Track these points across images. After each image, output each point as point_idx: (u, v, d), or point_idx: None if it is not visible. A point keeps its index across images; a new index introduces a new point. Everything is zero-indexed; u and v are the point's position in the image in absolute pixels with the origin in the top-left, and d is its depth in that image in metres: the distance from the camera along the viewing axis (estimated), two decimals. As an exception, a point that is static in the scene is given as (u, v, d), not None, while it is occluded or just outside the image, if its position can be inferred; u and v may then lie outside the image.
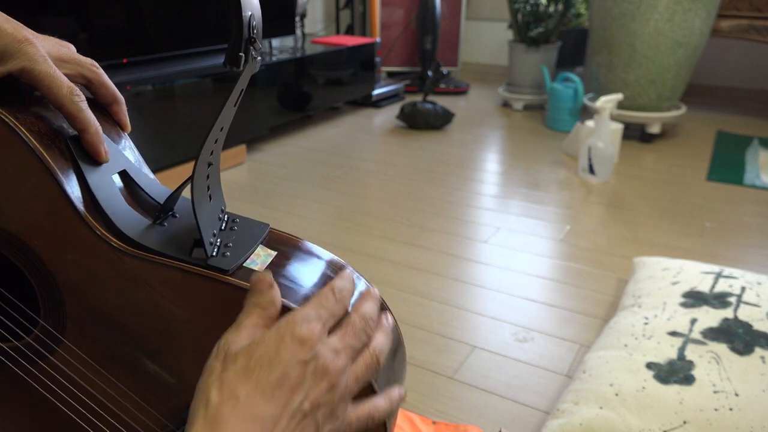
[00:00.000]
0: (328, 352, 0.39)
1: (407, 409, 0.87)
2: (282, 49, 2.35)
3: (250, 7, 0.41)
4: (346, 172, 1.89)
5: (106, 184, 0.46)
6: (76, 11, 1.50)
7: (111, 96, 0.50)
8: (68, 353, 0.48)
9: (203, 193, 0.45)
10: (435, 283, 1.23)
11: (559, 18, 2.56)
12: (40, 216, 0.44)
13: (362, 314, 0.42)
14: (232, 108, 0.45)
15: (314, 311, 0.40)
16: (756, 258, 1.34)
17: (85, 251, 0.44)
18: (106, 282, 0.45)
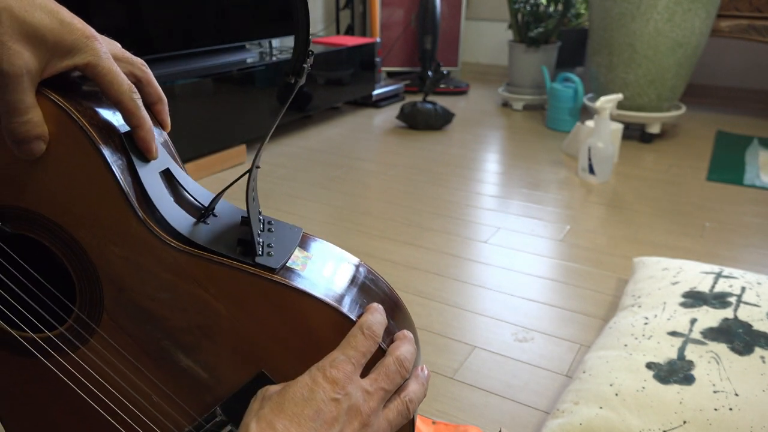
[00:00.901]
0: (359, 393, 0.41)
1: None
2: (282, 49, 2.35)
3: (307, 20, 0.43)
4: (346, 172, 1.89)
5: (155, 181, 0.46)
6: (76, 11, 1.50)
7: (156, 95, 0.52)
8: (101, 344, 0.48)
9: (251, 194, 0.47)
10: (435, 283, 1.23)
11: (559, 18, 2.56)
12: (91, 207, 0.44)
13: (397, 357, 0.44)
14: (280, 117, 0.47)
15: (344, 354, 0.42)
16: (756, 258, 1.34)
17: (134, 245, 0.44)
18: (151, 276, 0.45)
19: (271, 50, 2.30)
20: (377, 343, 0.43)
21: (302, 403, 0.39)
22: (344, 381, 0.40)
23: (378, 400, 0.42)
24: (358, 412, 0.40)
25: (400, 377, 0.43)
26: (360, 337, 0.43)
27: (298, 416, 0.38)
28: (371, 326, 0.44)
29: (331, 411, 0.39)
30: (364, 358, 0.42)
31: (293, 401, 0.39)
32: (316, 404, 0.39)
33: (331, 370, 0.41)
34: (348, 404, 0.40)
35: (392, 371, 0.43)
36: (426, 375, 0.48)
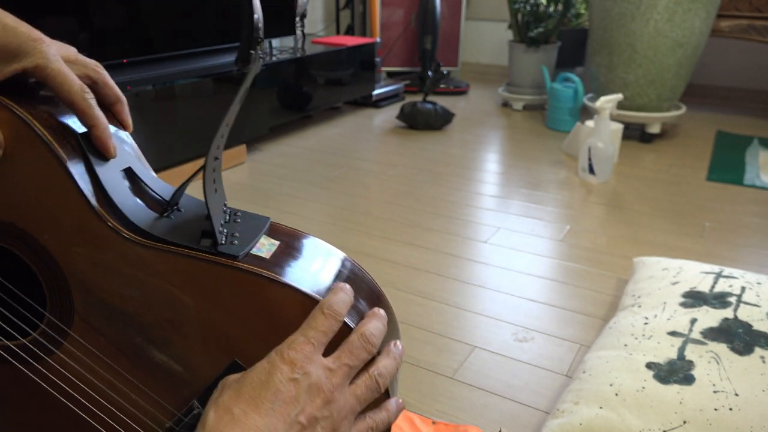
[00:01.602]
0: (320, 371, 0.40)
1: (407, 409, 0.87)
2: (282, 49, 2.35)
3: (257, 10, 0.43)
4: (346, 172, 1.89)
5: (116, 180, 0.47)
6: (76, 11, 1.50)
7: (114, 96, 0.51)
8: (75, 347, 0.48)
9: (211, 185, 0.46)
10: (435, 283, 1.23)
11: (559, 18, 2.56)
12: (52, 210, 0.44)
13: (361, 333, 0.43)
14: (238, 105, 0.46)
15: (303, 335, 0.41)
16: (756, 258, 1.34)
17: (97, 243, 0.45)
18: (116, 273, 0.46)
19: (271, 50, 2.30)
20: (339, 322, 0.43)
21: (259, 386, 0.39)
22: (303, 361, 0.40)
23: (342, 376, 0.41)
24: (319, 390, 0.40)
25: (365, 353, 0.43)
26: (320, 317, 0.42)
27: (256, 399, 0.38)
28: (332, 305, 0.43)
29: (290, 391, 0.39)
30: (325, 337, 0.42)
31: (251, 386, 0.39)
32: (274, 386, 0.39)
33: (289, 351, 0.40)
34: (308, 383, 0.39)
35: (356, 347, 0.43)
36: (400, 350, 0.47)
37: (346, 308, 0.44)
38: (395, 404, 0.45)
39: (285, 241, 0.50)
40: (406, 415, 0.85)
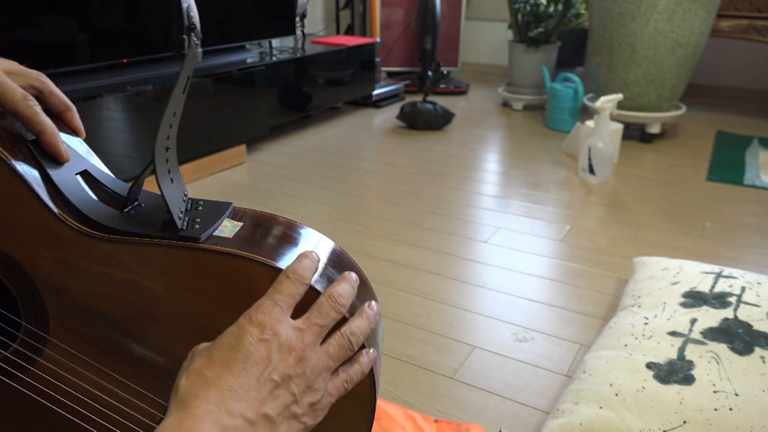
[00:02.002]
0: (290, 331, 0.41)
1: (409, 409, 0.87)
2: (282, 49, 2.35)
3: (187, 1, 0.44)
4: (346, 172, 1.89)
5: (71, 181, 0.47)
6: (76, 11, 1.50)
7: (62, 104, 0.52)
8: (56, 352, 0.48)
9: (165, 175, 0.47)
10: (435, 283, 1.23)
11: (559, 18, 2.56)
12: (11, 218, 0.45)
13: (329, 295, 0.44)
14: (181, 95, 0.46)
15: (269, 298, 0.42)
16: (756, 258, 1.34)
17: (59, 245, 0.45)
18: (84, 272, 0.46)
19: (271, 50, 2.30)
20: (305, 285, 0.43)
21: (230, 349, 0.39)
22: (271, 322, 0.40)
23: (313, 335, 0.42)
24: (291, 348, 0.40)
25: (334, 312, 0.43)
26: (285, 281, 0.43)
27: (227, 362, 0.39)
28: (296, 270, 0.44)
29: (260, 352, 0.39)
30: (292, 299, 0.42)
31: (221, 350, 0.39)
32: (245, 348, 0.39)
33: (257, 314, 0.41)
34: (278, 343, 0.40)
35: (325, 307, 0.43)
36: (374, 311, 0.47)
37: (311, 273, 0.44)
38: (366, 355, 0.45)
39: (248, 222, 0.50)
40: (408, 413, 0.85)
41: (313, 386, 0.41)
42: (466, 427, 0.83)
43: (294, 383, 0.40)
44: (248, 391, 0.38)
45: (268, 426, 0.38)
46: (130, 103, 1.58)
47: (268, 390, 0.39)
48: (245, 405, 0.38)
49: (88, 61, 1.54)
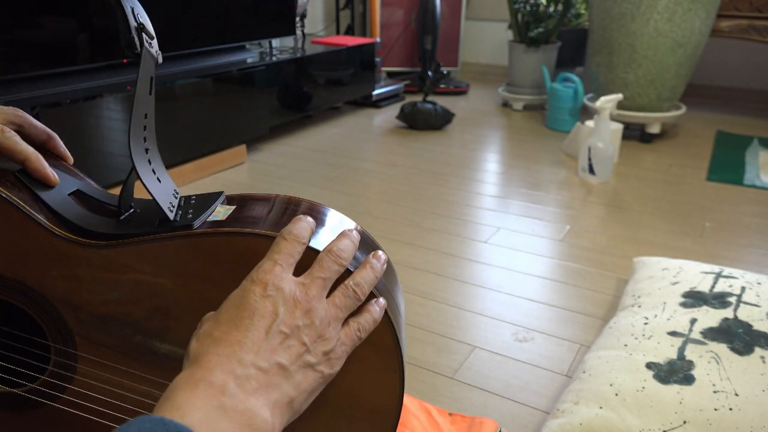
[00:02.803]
0: (293, 286, 0.41)
1: (424, 401, 0.88)
2: (282, 49, 2.35)
3: (131, 2, 0.46)
4: (346, 172, 1.89)
5: (64, 201, 0.48)
6: (76, 11, 1.50)
7: (44, 133, 0.53)
8: (89, 366, 0.49)
9: (150, 174, 0.48)
10: (435, 283, 1.23)
11: (559, 18, 2.56)
12: (14, 247, 0.46)
13: (329, 250, 0.44)
14: (148, 97, 0.47)
15: (268, 259, 0.42)
16: (756, 258, 1.34)
17: (65, 261, 0.46)
18: (92, 282, 0.47)
19: (271, 50, 2.30)
20: (302, 244, 0.44)
21: (235, 309, 0.40)
22: (273, 279, 0.41)
23: (317, 288, 0.42)
24: (296, 301, 0.41)
25: (336, 265, 0.44)
26: (282, 242, 0.43)
27: (234, 320, 0.39)
28: (292, 231, 0.44)
29: (266, 307, 0.39)
30: (291, 258, 0.43)
31: (227, 311, 0.40)
32: (250, 305, 0.39)
33: (258, 274, 0.41)
34: (282, 297, 0.40)
35: (325, 261, 0.43)
36: (381, 261, 0.47)
37: (307, 233, 0.45)
38: (376, 304, 0.45)
39: (241, 204, 0.51)
40: (423, 405, 0.87)
41: (324, 335, 0.41)
42: (480, 421, 0.84)
43: (304, 333, 0.40)
44: (258, 343, 0.38)
45: (281, 374, 0.38)
46: (130, 103, 1.57)
47: (279, 341, 0.39)
48: (256, 356, 0.38)
49: (88, 61, 1.54)
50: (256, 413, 0.36)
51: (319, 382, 0.41)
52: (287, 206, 0.51)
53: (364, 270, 0.45)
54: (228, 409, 0.35)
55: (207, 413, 0.34)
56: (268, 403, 0.37)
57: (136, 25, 0.45)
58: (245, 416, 0.35)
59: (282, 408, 0.38)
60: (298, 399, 0.39)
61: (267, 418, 0.36)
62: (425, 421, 0.83)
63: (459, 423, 0.84)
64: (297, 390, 0.39)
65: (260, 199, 0.52)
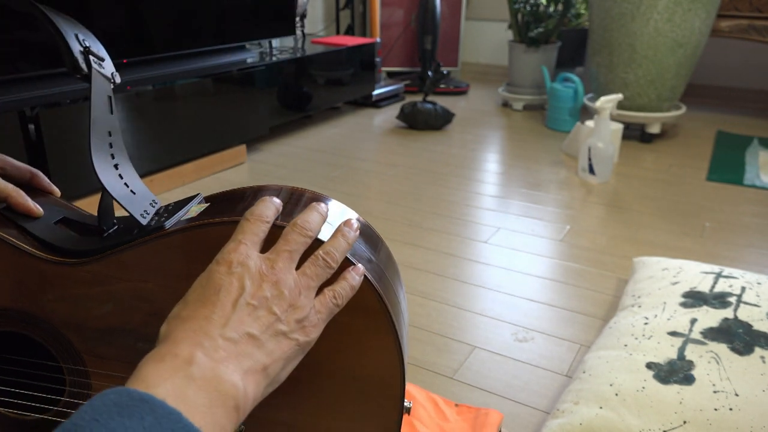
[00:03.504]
0: (259, 261, 0.41)
1: (432, 392, 0.89)
2: (282, 49, 2.35)
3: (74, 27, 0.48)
4: (346, 172, 1.89)
5: (50, 229, 0.50)
6: (76, 11, 1.50)
7: (27, 172, 0.55)
8: (101, 380, 0.51)
9: (122, 189, 0.49)
10: (435, 283, 1.23)
11: (559, 18, 2.56)
12: (12, 279, 0.48)
13: (294, 224, 0.44)
14: (109, 116, 0.49)
15: (232, 241, 0.42)
16: (756, 258, 1.34)
17: (57, 283, 0.48)
18: (86, 299, 0.48)
19: (271, 50, 2.30)
20: (265, 223, 0.44)
21: (202, 289, 0.40)
22: (238, 257, 0.41)
23: (284, 260, 0.42)
24: (263, 275, 0.41)
25: (302, 237, 0.44)
26: (245, 223, 0.43)
27: (202, 299, 0.39)
28: (254, 212, 0.44)
29: (233, 283, 0.39)
30: (255, 236, 0.43)
31: (194, 293, 0.40)
32: (215, 283, 0.39)
33: (222, 255, 0.41)
34: (248, 273, 0.40)
35: (290, 234, 0.44)
36: (353, 228, 0.47)
37: (271, 212, 0.45)
38: (354, 271, 0.45)
39: (215, 200, 0.51)
40: (430, 396, 0.88)
41: (296, 304, 0.41)
42: (485, 412, 0.85)
43: (273, 304, 0.40)
44: (225, 316, 0.38)
45: (252, 344, 0.38)
46: (130, 103, 1.58)
47: (247, 313, 0.39)
48: (223, 328, 0.38)
49: (88, 61, 1.54)
50: (225, 378, 0.35)
51: (296, 350, 0.41)
52: (261, 192, 0.52)
53: (335, 239, 0.45)
54: (195, 378, 0.34)
55: (173, 383, 0.33)
56: (238, 370, 0.37)
57: (81, 49, 0.47)
58: (213, 382, 0.35)
59: (255, 375, 0.38)
60: (274, 366, 0.39)
61: (237, 383, 0.36)
62: (432, 411, 0.85)
63: (465, 413, 0.86)
64: (270, 357, 0.39)
65: (235, 194, 0.53)
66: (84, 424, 0.28)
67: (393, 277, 0.52)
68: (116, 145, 0.50)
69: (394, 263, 0.55)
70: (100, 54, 0.49)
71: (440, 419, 0.84)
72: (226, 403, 0.35)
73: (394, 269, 0.54)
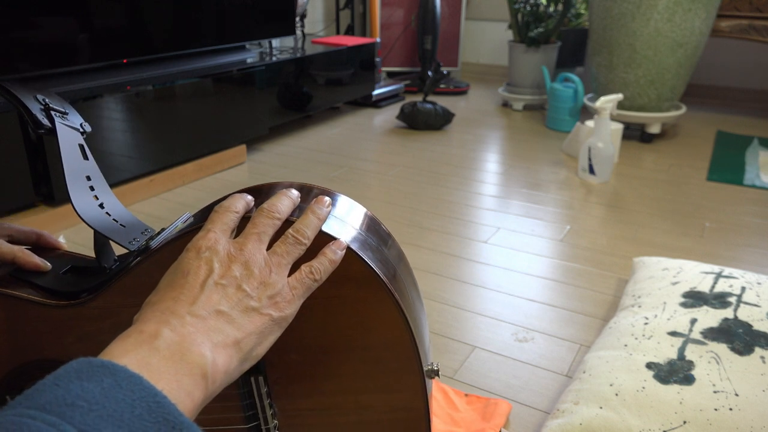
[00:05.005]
0: (228, 245, 0.42)
1: (442, 382, 0.90)
2: (282, 49, 2.35)
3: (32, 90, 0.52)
4: (346, 172, 1.89)
5: (58, 279, 0.53)
6: (77, 11, 1.50)
7: (32, 234, 0.58)
8: None
9: (111, 225, 0.52)
10: (435, 283, 1.23)
11: (559, 18, 2.56)
12: (37, 332, 0.51)
13: (261, 209, 0.45)
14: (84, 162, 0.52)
15: (201, 231, 0.43)
16: (756, 258, 1.34)
17: (72, 324, 0.50)
18: (100, 333, 0.50)
19: (271, 50, 2.30)
20: (234, 213, 0.45)
21: (171, 275, 0.40)
22: (207, 243, 0.41)
23: (252, 242, 0.42)
24: (231, 257, 0.41)
25: (269, 219, 0.44)
26: (213, 214, 0.44)
27: (171, 283, 0.39)
28: (223, 204, 0.45)
29: (201, 266, 0.40)
30: (224, 225, 0.43)
31: (164, 280, 0.41)
32: (184, 267, 0.40)
33: (192, 242, 0.42)
34: (217, 256, 0.41)
35: (258, 218, 0.44)
36: (325, 204, 0.48)
37: (240, 204, 0.46)
38: (334, 246, 0.46)
39: (203, 211, 0.53)
40: (440, 386, 0.90)
41: (267, 281, 0.41)
42: (495, 402, 0.86)
43: (243, 282, 0.40)
44: (193, 296, 0.38)
45: (222, 319, 0.38)
46: (130, 103, 1.58)
47: (215, 291, 0.39)
48: (192, 306, 0.38)
49: (88, 61, 1.54)
50: (192, 349, 0.35)
51: (270, 325, 0.41)
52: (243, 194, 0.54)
53: (305, 217, 0.46)
54: (161, 349, 0.34)
55: (137, 354, 0.34)
56: (207, 342, 0.37)
57: (42, 107, 0.51)
58: (178, 353, 0.35)
59: (227, 348, 0.37)
60: (246, 341, 0.39)
61: (204, 353, 0.36)
62: (442, 401, 0.86)
63: (474, 403, 0.87)
64: (242, 332, 0.39)
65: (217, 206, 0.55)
66: (45, 388, 0.29)
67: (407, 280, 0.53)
68: (98, 187, 0.53)
69: (408, 266, 0.56)
70: (63, 109, 0.53)
71: (450, 409, 0.86)
72: (192, 371, 0.35)
73: (409, 271, 0.55)
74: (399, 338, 0.48)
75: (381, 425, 0.51)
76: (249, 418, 0.51)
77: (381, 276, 0.46)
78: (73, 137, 0.52)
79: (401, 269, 0.53)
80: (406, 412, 0.51)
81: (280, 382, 0.50)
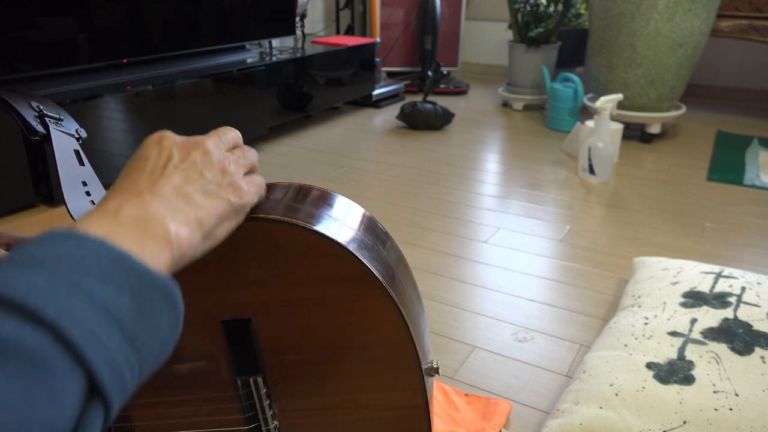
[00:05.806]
0: (186, 138, 0.42)
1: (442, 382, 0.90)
2: (282, 49, 2.35)
3: (26, 98, 0.52)
4: (346, 172, 1.89)
5: None
6: (77, 11, 1.50)
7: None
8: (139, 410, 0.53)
9: None
10: (435, 283, 1.23)
11: (559, 18, 2.56)
12: None
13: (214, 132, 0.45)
14: (80, 168, 0.52)
15: None
16: (756, 258, 1.34)
17: None
18: None
19: (271, 50, 2.30)
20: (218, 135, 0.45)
21: (130, 166, 0.40)
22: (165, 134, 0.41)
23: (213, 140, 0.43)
24: (191, 145, 0.41)
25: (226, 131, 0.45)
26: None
27: (131, 172, 0.39)
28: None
29: (161, 153, 0.40)
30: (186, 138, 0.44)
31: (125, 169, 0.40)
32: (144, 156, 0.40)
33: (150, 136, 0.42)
34: (176, 145, 0.40)
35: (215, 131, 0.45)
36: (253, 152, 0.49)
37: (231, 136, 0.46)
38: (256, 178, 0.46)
39: None
40: (440, 386, 0.90)
41: (227, 170, 0.42)
42: (495, 402, 0.86)
43: (203, 168, 0.40)
44: (153, 178, 0.38)
45: (182, 199, 0.38)
46: (130, 103, 1.58)
47: (177, 174, 0.39)
48: (153, 186, 0.37)
49: (88, 61, 1.54)
50: (154, 220, 0.35)
51: (229, 210, 0.41)
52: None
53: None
54: (124, 222, 0.34)
55: (100, 225, 0.33)
56: (169, 217, 0.36)
57: (36, 114, 0.51)
58: (141, 222, 0.35)
59: (189, 225, 0.37)
60: (208, 221, 0.39)
61: (167, 224, 0.35)
62: (443, 400, 0.87)
63: (475, 403, 0.88)
64: (203, 211, 0.38)
65: None
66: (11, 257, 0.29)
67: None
68: (94, 192, 0.53)
69: (408, 267, 0.56)
70: (58, 115, 0.52)
71: (451, 409, 0.86)
72: (156, 238, 0.34)
73: (408, 272, 0.55)
74: (397, 336, 0.48)
75: (381, 424, 0.51)
76: (249, 419, 0.51)
77: (377, 275, 0.47)
78: (69, 143, 0.52)
79: (399, 269, 0.53)
80: (406, 410, 0.51)
81: (279, 383, 0.50)
